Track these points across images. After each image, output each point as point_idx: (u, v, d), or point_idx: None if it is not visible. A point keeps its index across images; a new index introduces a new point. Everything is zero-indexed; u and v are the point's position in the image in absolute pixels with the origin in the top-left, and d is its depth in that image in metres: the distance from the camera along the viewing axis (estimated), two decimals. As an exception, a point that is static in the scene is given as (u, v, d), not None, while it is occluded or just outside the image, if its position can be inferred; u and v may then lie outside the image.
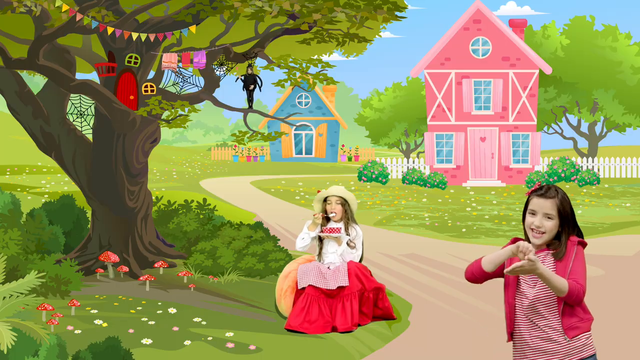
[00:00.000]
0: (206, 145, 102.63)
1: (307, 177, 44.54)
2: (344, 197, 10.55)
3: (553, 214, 4.95)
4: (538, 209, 4.96)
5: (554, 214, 4.95)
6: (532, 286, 4.98)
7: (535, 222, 4.95)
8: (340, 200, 10.53)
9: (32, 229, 12.25)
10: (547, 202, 4.95)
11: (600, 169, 42.32)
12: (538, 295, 4.97)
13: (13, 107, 13.02)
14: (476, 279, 5.04)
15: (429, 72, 40.69)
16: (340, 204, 10.53)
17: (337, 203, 10.52)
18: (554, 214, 4.95)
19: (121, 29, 11.88)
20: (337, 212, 10.50)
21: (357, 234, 10.57)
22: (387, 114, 60.31)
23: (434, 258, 17.42)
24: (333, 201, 10.52)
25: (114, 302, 11.17)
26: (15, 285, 7.14)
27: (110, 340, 7.29)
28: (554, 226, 4.96)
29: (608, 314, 11.75)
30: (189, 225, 14.67)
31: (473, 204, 30.33)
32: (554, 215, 4.95)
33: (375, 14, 11.89)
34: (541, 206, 4.95)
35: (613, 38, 46.97)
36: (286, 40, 13.99)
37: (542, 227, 4.94)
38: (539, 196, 4.97)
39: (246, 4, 11.59)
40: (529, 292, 4.99)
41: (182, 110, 12.60)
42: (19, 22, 14.49)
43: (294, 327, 10.09)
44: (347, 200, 10.57)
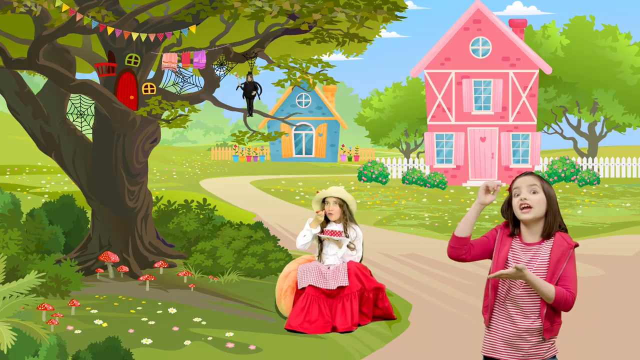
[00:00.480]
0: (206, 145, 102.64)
1: (307, 177, 44.54)
2: (341, 198, 10.53)
3: (537, 187, 4.94)
4: (521, 185, 4.96)
5: (538, 186, 4.94)
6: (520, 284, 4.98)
7: (521, 195, 4.93)
8: (338, 201, 10.51)
9: (32, 229, 12.25)
10: (528, 177, 4.97)
11: (600, 169, 42.32)
12: (523, 294, 4.96)
13: (13, 107, 13.02)
14: (458, 254, 5.05)
15: (429, 72, 40.70)
16: (338, 204, 10.51)
17: (334, 204, 10.50)
18: (538, 185, 4.94)
19: (121, 29, 11.88)
20: (334, 212, 10.47)
21: (356, 235, 10.56)
22: (387, 114, 60.32)
23: (434, 258, 17.42)
24: (331, 202, 10.51)
25: (114, 302, 11.17)
26: (15, 285, 7.14)
27: (110, 340, 7.29)
28: (541, 200, 4.94)
29: (608, 314, 11.75)
30: (189, 225, 14.67)
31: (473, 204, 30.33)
32: (539, 188, 4.95)
33: (375, 14, 11.89)
34: (524, 181, 4.96)
35: (613, 38, 46.97)
36: (286, 40, 14.00)
37: (528, 200, 4.92)
38: (519, 177, 4.99)
39: (246, 4, 11.59)
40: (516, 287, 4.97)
41: (182, 110, 12.60)
42: (19, 22, 14.49)
43: (294, 327, 10.09)
44: (345, 201, 10.55)
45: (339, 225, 10.54)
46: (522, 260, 4.97)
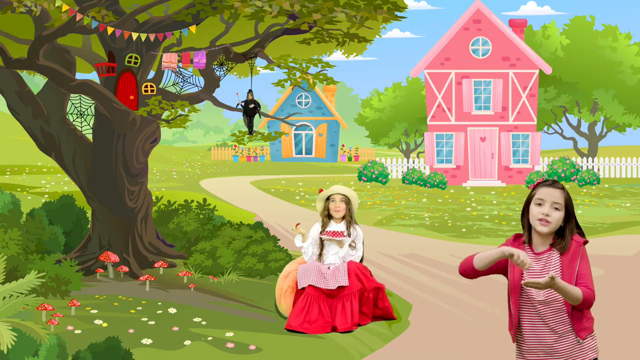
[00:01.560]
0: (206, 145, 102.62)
1: (307, 177, 44.54)
2: (348, 195, 10.58)
3: (560, 205, 4.94)
4: (547, 198, 4.94)
5: (562, 204, 4.95)
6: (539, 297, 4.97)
7: (544, 210, 4.92)
8: (345, 199, 10.55)
9: (32, 229, 12.25)
10: (556, 192, 4.95)
11: (600, 169, 42.31)
12: (547, 300, 4.96)
13: (13, 107, 13.02)
14: (468, 274, 5.05)
15: (429, 72, 40.69)
16: (344, 202, 10.55)
17: (341, 201, 10.54)
18: (561, 204, 4.94)
19: (121, 29, 11.88)
20: (341, 209, 10.51)
21: (357, 234, 10.57)
22: (387, 114, 60.31)
23: (434, 258, 17.42)
24: (337, 199, 10.53)
25: (114, 302, 11.17)
26: (15, 285, 7.14)
27: (110, 340, 7.29)
28: (560, 218, 4.95)
29: (608, 314, 11.75)
30: (189, 225, 14.67)
31: (473, 204, 30.33)
32: (561, 206, 4.95)
33: (375, 14, 11.89)
34: (550, 195, 4.94)
35: (613, 38, 46.97)
36: (286, 40, 13.99)
37: (550, 216, 4.92)
38: (547, 186, 4.96)
39: (246, 4, 11.59)
40: (536, 295, 4.98)
41: (182, 110, 12.60)
42: (19, 22, 14.49)
43: (294, 327, 10.09)
44: (350, 199, 10.59)
45: (341, 225, 10.54)
46: (535, 270, 4.97)
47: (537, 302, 4.97)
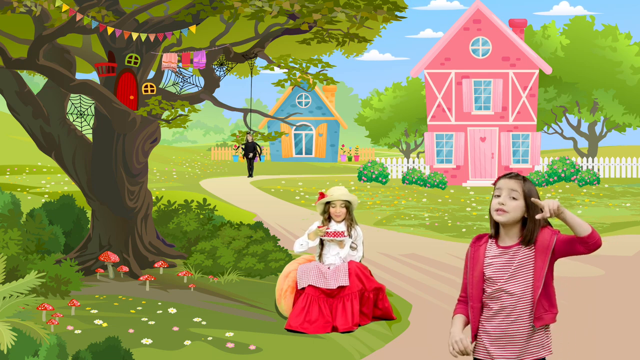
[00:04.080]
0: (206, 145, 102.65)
1: (307, 177, 44.54)
2: (348, 200, 10.63)
3: (518, 193, 4.92)
4: (503, 186, 4.94)
5: (519, 193, 4.92)
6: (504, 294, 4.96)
7: (500, 200, 4.92)
8: (345, 204, 10.60)
9: (32, 229, 12.25)
10: (511, 181, 4.94)
11: (600, 169, 42.32)
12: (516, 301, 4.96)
13: (13, 107, 13.02)
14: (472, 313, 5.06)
15: (429, 72, 40.70)
16: (344, 207, 10.60)
17: (341, 207, 10.58)
18: (518, 192, 4.92)
19: (121, 29, 11.89)
20: (341, 214, 10.55)
21: (357, 234, 10.59)
22: (387, 114, 60.34)
23: (434, 258, 17.42)
24: (338, 204, 10.57)
25: (114, 302, 11.17)
26: (15, 285, 7.14)
27: (110, 340, 7.29)
28: (517, 207, 4.92)
29: (608, 314, 11.75)
30: (189, 225, 14.67)
31: (473, 204, 30.34)
32: (519, 195, 4.92)
33: (375, 14, 11.89)
34: (506, 184, 4.94)
35: (613, 38, 46.98)
36: (286, 40, 14.00)
37: (505, 205, 4.91)
38: (505, 178, 4.97)
39: (246, 4, 11.59)
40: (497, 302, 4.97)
41: (182, 110, 12.60)
42: (19, 22, 14.49)
43: (294, 327, 10.09)
44: (351, 202, 10.64)
45: (341, 225, 10.54)
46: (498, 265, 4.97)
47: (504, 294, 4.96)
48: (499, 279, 4.97)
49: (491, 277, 4.99)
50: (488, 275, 5.00)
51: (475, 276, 5.03)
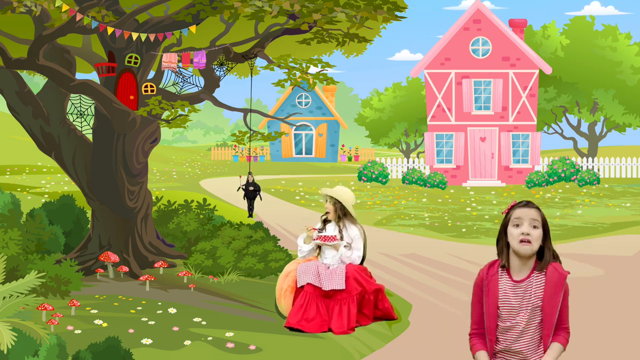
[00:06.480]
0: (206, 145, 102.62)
1: (307, 177, 44.54)
2: (333, 196, 10.43)
3: (538, 222, 4.89)
4: (524, 216, 4.88)
5: (539, 222, 4.89)
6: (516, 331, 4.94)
7: (524, 230, 4.86)
8: (332, 200, 10.44)
9: (32, 229, 12.25)
10: (532, 211, 4.89)
11: (600, 169, 42.31)
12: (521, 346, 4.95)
13: (13, 107, 13.02)
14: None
15: (429, 72, 40.69)
16: (331, 203, 10.44)
17: (329, 202, 10.44)
18: (539, 221, 4.89)
19: (121, 29, 11.89)
20: (330, 211, 10.43)
21: (354, 234, 10.44)
22: (387, 114, 60.33)
23: (434, 258, 17.42)
24: (327, 200, 10.47)
25: (114, 302, 11.17)
26: (15, 285, 7.14)
27: (110, 340, 7.29)
28: (540, 236, 4.89)
29: (608, 314, 11.75)
30: (189, 225, 14.67)
31: (473, 204, 30.33)
32: (539, 224, 4.89)
33: (375, 14, 11.89)
34: (527, 214, 4.88)
35: (613, 38, 46.98)
36: (286, 40, 14.00)
37: (530, 235, 4.85)
38: (522, 207, 4.91)
39: (246, 4, 11.59)
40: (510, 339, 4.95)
41: (182, 110, 12.60)
42: (19, 22, 14.49)
43: (292, 324, 10.09)
44: (338, 199, 10.47)
45: (335, 228, 10.45)
46: (513, 301, 4.92)
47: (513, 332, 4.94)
48: (513, 316, 4.92)
49: (504, 314, 4.94)
50: (502, 311, 4.94)
51: (492, 309, 4.96)
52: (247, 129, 13.46)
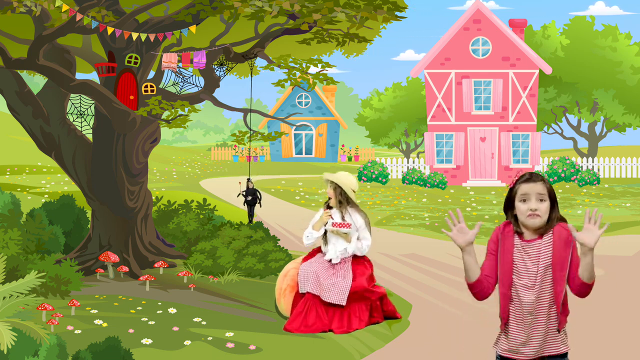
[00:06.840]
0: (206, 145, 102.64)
1: (307, 177, 44.54)
2: (334, 181, 10.32)
3: (545, 195, 5.03)
4: (530, 192, 5.02)
5: (546, 194, 5.03)
6: (531, 288, 5.02)
7: (531, 205, 5.01)
8: (333, 185, 10.35)
9: (32, 229, 12.26)
10: (537, 185, 5.03)
11: (600, 169, 42.32)
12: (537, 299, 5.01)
13: (13, 107, 13.02)
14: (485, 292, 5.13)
15: (429, 72, 40.70)
16: (332, 187, 10.34)
17: (329, 187, 10.34)
18: (545, 194, 5.03)
19: (121, 29, 11.89)
20: (331, 195, 10.33)
21: (361, 224, 10.33)
22: (387, 114, 60.34)
23: (434, 258, 17.42)
24: (328, 185, 10.38)
25: (114, 302, 11.17)
26: (15, 285, 7.14)
27: (110, 340, 7.29)
28: (547, 208, 5.03)
29: (608, 314, 11.75)
30: (189, 225, 14.67)
31: (473, 204, 30.34)
32: (546, 197, 5.03)
33: (375, 14, 11.89)
34: (532, 189, 5.02)
35: (613, 38, 46.98)
36: (286, 40, 14.00)
37: (538, 210, 5.00)
38: (526, 181, 5.05)
39: (246, 4, 11.59)
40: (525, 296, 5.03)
41: (182, 110, 12.60)
42: (19, 22, 14.49)
43: (292, 330, 10.08)
44: (338, 184, 10.38)
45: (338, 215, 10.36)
46: (528, 258, 5.04)
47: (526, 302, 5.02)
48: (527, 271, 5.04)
49: (520, 268, 5.05)
50: (517, 265, 5.05)
51: (506, 264, 5.08)
52: (247, 129, 13.46)
